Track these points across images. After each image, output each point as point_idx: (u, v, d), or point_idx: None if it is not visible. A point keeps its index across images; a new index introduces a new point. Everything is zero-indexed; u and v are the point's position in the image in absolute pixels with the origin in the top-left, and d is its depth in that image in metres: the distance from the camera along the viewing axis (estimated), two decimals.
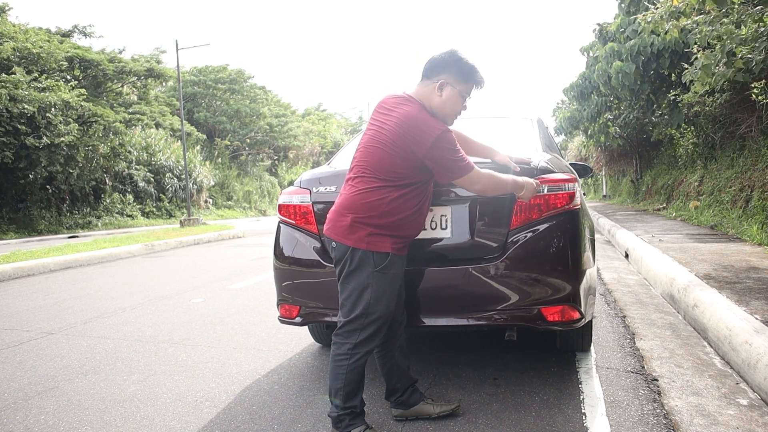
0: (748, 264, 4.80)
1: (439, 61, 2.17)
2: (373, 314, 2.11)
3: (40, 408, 2.66)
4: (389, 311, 2.15)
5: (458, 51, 2.18)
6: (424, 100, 2.18)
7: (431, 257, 2.53)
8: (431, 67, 2.19)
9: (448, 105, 2.17)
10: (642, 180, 19.39)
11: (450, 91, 2.15)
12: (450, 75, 2.15)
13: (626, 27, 11.54)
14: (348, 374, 2.12)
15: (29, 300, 5.62)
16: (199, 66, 34.74)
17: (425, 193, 2.20)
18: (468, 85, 2.19)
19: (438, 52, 2.20)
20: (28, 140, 16.04)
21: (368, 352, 2.15)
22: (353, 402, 2.14)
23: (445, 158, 2.08)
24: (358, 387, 2.17)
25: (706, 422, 2.18)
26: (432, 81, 2.17)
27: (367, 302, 2.10)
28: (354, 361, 2.12)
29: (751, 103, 8.33)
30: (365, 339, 2.12)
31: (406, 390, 2.36)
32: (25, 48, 18.62)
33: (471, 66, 2.17)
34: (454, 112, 2.21)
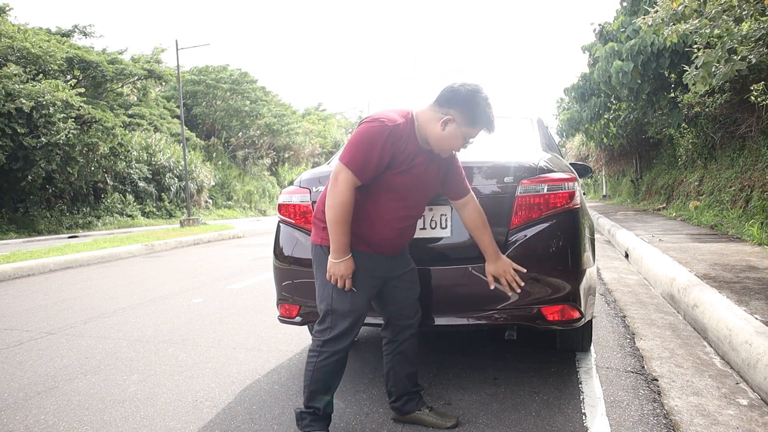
0: (748, 264, 4.80)
1: (457, 94, 2.02)
2: (338, 311, 2.07)
3: (40, 408, 2.66)
4: (357, 308, 2.09)
5: (481, 92, 2.03)
6: (423, 122, 2.06)
7: (431, 257, 2.53)
8: (446, 98, 2.05)
9: (446, 141, 2.04)
10: (642, 180, 19.40)
11: (454, 130, 2.02)
12: (460, 114, 2.02)
13: (627, 27, 11.54)
14: (314, 372, 2.08)
15: (29, 300, 5.62)
16: (199, 66, 34.75)
17: (385, 196, 2.06)
18: (475, 129, 2.05)
19: (460, 83, 2.05)
20: (26, 140, 16.02)
21: (337, 353, 2.08)
22: (317, 404, 2.09)
23: (352, 138, 2.01)
24: (326, 389, 2.10)
25: (706, 422, 2.18)
26: (440, 110, 2.04)
27: (330, 298, 2.08)
28: (321, 359, 2.07)
29: (751, 103, 8.33)
30: (333, 338, 2.08)
31: (401, 397, 2.30)
32: (24, 48, 18.62)
33: (486, 113, 2.03)
34: (451, 149, 2.09)
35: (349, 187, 1.96)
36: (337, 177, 1.96)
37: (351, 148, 1.97)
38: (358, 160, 1.95)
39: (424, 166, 2.09)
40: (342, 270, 2.02)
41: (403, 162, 2.02)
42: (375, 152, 1.95)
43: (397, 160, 2.01)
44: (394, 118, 2.00)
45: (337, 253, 2.01)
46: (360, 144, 1.96)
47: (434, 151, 2.11)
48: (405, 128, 2.01)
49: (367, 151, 1.95)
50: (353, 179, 1.96)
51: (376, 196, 2.06)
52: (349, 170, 1.95)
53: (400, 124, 2.00)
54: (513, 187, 2.43)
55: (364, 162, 1.95)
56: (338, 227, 1.97)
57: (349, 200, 1.96)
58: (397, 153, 1.99)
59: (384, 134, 1.95)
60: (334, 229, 1.98)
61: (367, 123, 1.99)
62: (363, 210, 2.06)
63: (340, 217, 1.96)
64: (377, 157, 1.96)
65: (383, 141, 1.95)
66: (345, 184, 1.95)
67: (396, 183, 2.05)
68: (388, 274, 2.20)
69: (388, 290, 2.24)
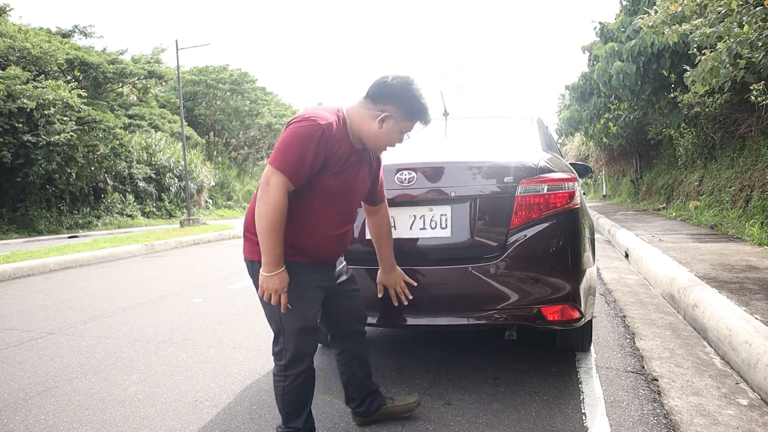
0: (748, 264, 4.80)
1: (390, 89, 1.95)
2: (288, 331, 1.94)
3: (40, 408, 2.66)
4: (306, 324, 1.97)
5: (414, 84, 1.96)
6: (357, 120, 1.97)
7: (431, 257, 2.53)
8: (380, 93, 1.96)
9: (384, 138, 1.98)
10: (642, 180, 19.40)
11: (392, 126, 1.96)
12: (397, 109, 1.95)
13: (627, 27, 11.54)
14: (285, 396, 1.98)
15: (29, 300, 5.62)
16: (199, 66, 34.76)
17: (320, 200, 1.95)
18: (412, 122, 2.00)
19: (392, 76, 1.96)
20: (26, 137, 16.03)
21: (302, 374, 1.98)
22: (295, 423, 2.01)
23: (281, 140, 1.85)
24: (300, 408, 2.02)
25: (706, 422, 2.18)
26: (375, 108, 1.96)
27: (278, 317, 1.95)
28: (288, 384, 1.97)
29: (750, 103, 8.33)
30: (291, 360, 1.96)
31: (365, 400, 2.28)
32: (24, 48, 18.62)
33: (423, 105, 1.97)
34: (388, 146, 2.03)
35: (283, 192, 1.81)
36: (268, 182, 1.80)
37: (282, 150, 1.82)
38: (291, 162, 1.81)
39: (357, 168, 2.02)
40: (277, 284, 1.86)
41: (337, 163, 1.91)
42: (308, 153, 1.82)
43: (331, 160, 1.89)
44: (326, 116, 1.88)
45: (270, 266, 1.83)
46: (292, 145, 1.81)
47: (369, 149, 2.05)
48: (338, 127, 1.90)
49: (300, 153, 1.81)
50: (286, 183, 1.81)
51: (310, 202, 1.93)
52: (281, 174, 1.80)
53: (333, 122, 1.88)
54: (513, 187, 2.43)
55: (297, 164, 1.81)
56: (272, 236, 1.80)
57: (282, 206, 1.81)
58: (331, 153, 1.88)
59: (317, 133, 1.82)
60: (267, 238, 1.81)
61: (297, 123, 1.85)
62: (297, 217, 1.92)
63: (274, 225, 1.80)
64: (311, 159, 1.83)
65: (316, 141, 1.82)
66: (278, 189, 1.80)
67: (331, 186, 1.93)
68: (331, 284, 2.11)
69: (334, 300, 2.16)
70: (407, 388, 2.70)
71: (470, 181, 2.47)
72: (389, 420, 2.34)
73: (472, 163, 2.55)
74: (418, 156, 2.85)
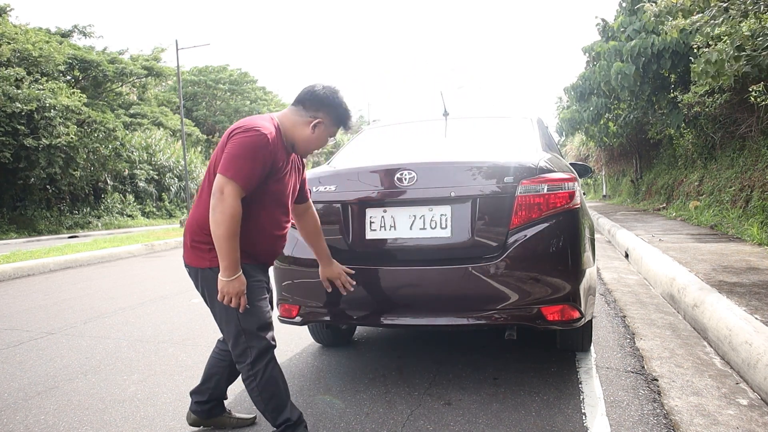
0: (748, 264, 4.80)
1: (322, 98, 2.11)
2: (248, 329, 2.03)
3: (40, 408, 2.66)
4: (264, 321, 2.06)
5: (340, 93, 2.16)
6: (290, 126, 2.10)
7: (431, 257, 2.54)
8: (311, 101, 2.11)
9: (315, 143, 2.14)
10: (642, 180, 19.40)
11: (323, 131, 2.13)
12: (328, 116, 2.12)
13: (627, 26, 11.54)
14: (261, 393, 2.04)
15: (29, 300, 5.62)
16: (199, 66, 34.76)
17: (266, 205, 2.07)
18: (338, 128, 2.18)
19: (320, 86, 2.14)
20: (27, 141, 16.04)
21: (269, 364, 2.05)
22: (284, 415, 2.06)
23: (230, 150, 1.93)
24: (283, 398, 2.07)
25: (706, 422, 2.18)
26: (307, 114, 2.11)
27: (237, 319, 2.02)
28: (260, 379, 2.03)
29: (750, 103, 8.34)
30: (256, 357, 2.03)
31: (211, 401, 2.31)
32: (25, 50, 18.61)
33: (349, 112, 2.17)
34: (317, 148, 2.18)
35: (237, 199, 1.90)
36: (222, 191, 1.89)
37: (234, 160, 1.91)
38: (243, 171, 1.90)
39: (291, 172, 2.16)
40: (237, 287, 1.95)
41: (279, 169, 2.05)
42: (258, 162, 1.93)
43: (275, 167, 2.02)
44: (267, 126, 2.00)
45: (229, 271, 1.93)
46: (242, 155, 1.91)
47: (299, 153, 2.19)
48: (277, 136, 2.04)
49: (252, 162, 1.92)
50: (240, 191, 1.91)
51: (260, 207, 2.04)
52: (235, 182, 1.89)
53: (273, 132, 2.01)
54: (513, 187, 2.43)
55: (249, 172, 1.92)
56: (230, 242, 1.90)
57: (239, 213, 1.90)
58: (274, 161, 2.01)
59: (264, 143, 1.94)
60: (225, 245, 1.89)
61: (243, 133, 1.94)
62: (250, 222, 2.03)
63: (232, 231, 1.89)
64: (261, 167, 1.95)
65: (264, 150, 1.94)
66: (233, 197, 1.89)
67: (275, 190, 2.07)
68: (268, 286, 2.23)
69: None
70: (407, 388, 2.71)
71: (470, 181, 2.47)
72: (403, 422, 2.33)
73: (472, 163, 2.55)
74: (418, 156, 2.86)
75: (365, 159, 3.11)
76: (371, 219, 2.61)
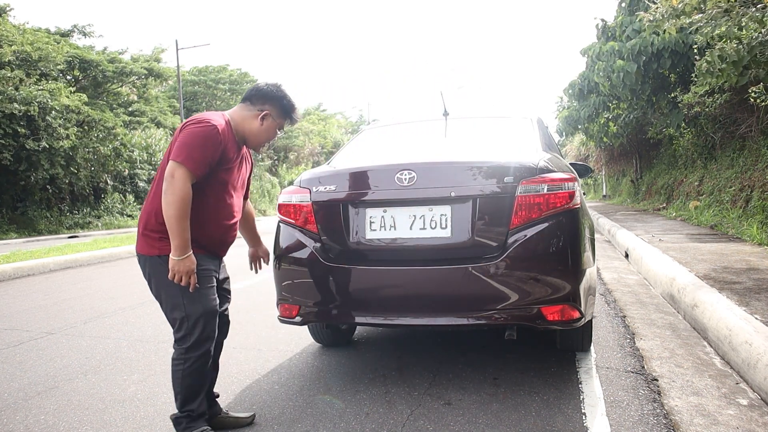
0: (748, 264, 4.80)
1: (266, 92, 2.27)
2: (193, 315, 2.11)
3: (40, 408, 2.66)
4: (209, 308, 2.14)
5: (283, 86, 2.31)
6: (240, 121, 2.24)
7: (431, 257, 2.54)
8: (257, 96, 2.27)
9: (264, 134, 2.28)
10: (642, 180, 19.39)
11: (271, 122, 2.28)
12: (274, 108, 2.27)
13: (627, 26, 11.54)
14: (183, 379, 2.11)
15: (29, 300, 5.62)
16: (199, 66, 34.71)
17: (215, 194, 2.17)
18: (285, 120, 2.32)
19: (264, 83, 2.30)
20: (28, 143, 16.03)
21: (202, 356, 2.13)
22: (191, 406, 2.13)
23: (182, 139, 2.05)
24: (197, 391, 2.14)
25: (706, 422, 2.18)
26: (255, 108, 2.26)
27: (182, 305, 2.11)
28: (188, 366, 2.10)
29: (750, 103, 8.33)
30: (194, 343, 2.11)
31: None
32: (24, 51, 18.60)
33: (293, 104, 2.31)
34: (268, 140, 2.32)
35: (188, 183, 2.02)
36: (173, 174, 2.01)
37: (184, 147, 2.03)
38: (195, 157, 2.03)
39: (240, 165, 2.30)
40: (188, 265, 2.05)
41: (228, 160, 2.17)
42: (208, 150, 2.06)
43: (225, 158, 2.15)
44: (218, 119, 2.14)
45: (180, 250, 2.03)
46: (193, 143, 2.04)
47: (250, 147, 2.33)
48: (227, 129, 2.17)
49: (201, 149, 2.04)
50: (190, 175, 2.03)
51: (209, 195, 2.15)
52: (185, 167, 2.01)
53: (223, 125, 2.14)
54: (513, 187, 2.43)
55: (198, 159, 2.04)
56: (180, 223, 2.00)
57: (188, 195, 2.02)
58: (224, 152, 2.13)
59: (214, 133, 2.07)
60: (177, 225, 2.00)
61: (195, 125, 2.08)
62: (200, 210, 2.12)
63: (182, 212, 2.00)
64: (210, 155, 2.07)
65: (213, 139, 2.07)
66: (183, 181, 2.01)
67: (224, 180, 2.19)
68: (219, 277, 2.29)
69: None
70: (407, 388, 2.71)
71: (470, 181, 2.48)
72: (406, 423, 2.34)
73: (472, 163, 2.55)
74: (418, 156, 2.86)
75: (365, 159, 3.11)
76: (371, 219, 2.62)
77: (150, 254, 2.13)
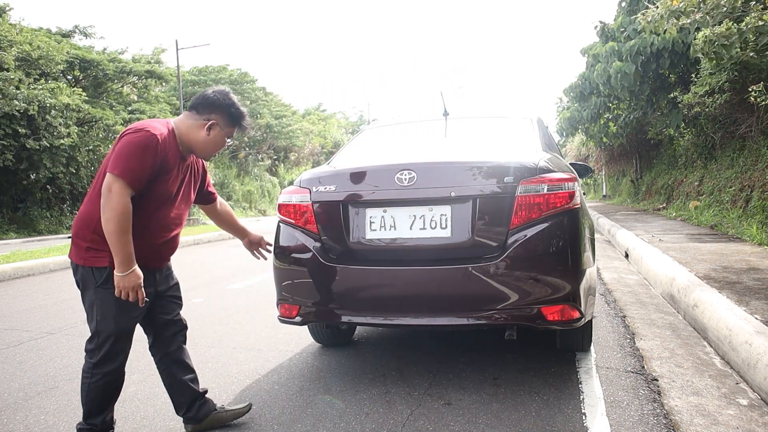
0: (748, 264, 4.80)
1: (213, 100, 2.17)
2: (103, 333, 2.04)
3: (40, 408, 2.66)
4: (122, 329, 2.08)
5: (231, 94, 2.21)
6: (185, 130, 2.15)
7: (431, 257, 2.54)
8: (203, 104, 2.17)
9: (211, 144, 2.18)
10: (642, 180, 19.39)
11: (218, 132, 2.17)
12: (220, 117, 2.16)
13: (627, 27, 11.55)
14: (89, 392, 2.07)
15: (29, 300, 5.62)
16: (199, 66, 34.73)
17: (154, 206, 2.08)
18: (234, 128, 2.22)
19: (211, 90, 2.20)
20: (28, 142, 16.03)
21: (109, 374, 2.07)
22: (94, 420, 2.09)
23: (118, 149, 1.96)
24: (102, 406, 2.10)
25: (706, 422, 2.18)
26: (201, 117, 2.16)
27: (96, 321, 2.05)
28: (95, 380, 2.06)
29: (750, 103, 8.33)
30: (102, 359, 2.06)
31: (193, 404, 2.31)
32: (24, 51, 18.60)
33: (241, 112, 2.20)
34: (216, 151, 2.23)
35: (126, 196, 1.93)
36: (110, 189, 1.92)
37: (121, 158, 1.94)
38: (132, 168, 1.94)
39: (184, 175, 2.20)
40: (133, 281, 1.98)
41: (168, 171, 2.07)
42: (146, 160, 1.96)
43: (164, 168, 2.05)
44: (159, 127, 2.04)
45: (124, 265, 1.95)
46: (130, 154, 1.94)
47: (198, 156, 2.24)
48: (169, 138, 2.07)
49: (139, 160, 1.95)
50: (128, 188, 1.94)
51: (144, 207, 2.04)
52: (122, 180, 1.92)
53: (165, 133, 2.05)
54: (513, 187, 2.44)
55: (137, 170, 1.95)
56: (122, 237, 1.92)
57: (127, 209, 1.93)
58: (163, 162, 2.03)
59: (153, 143, 1.97)
60: (118, 240, 1.92)
61: (132, 133, 1.98)
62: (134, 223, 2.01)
63: (123, 227, 1.92)
64: (149, 165, 1.97)
65: (152, 149, 1.97)
66: (121, 194, 1.92)
67: (162, 192, 2.08)
68: (157, 288, 2.21)
69: (161, 305, 2.25)
70: (407, 388, 2.71)
71: (470, 181, 2.48)
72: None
73: (472, 163, 2.55)
74: (418, 156, 2.86)
75: (365, 159, 3.11)
76: (371, 219, 2.62)
77: (77, 262, 2.07)
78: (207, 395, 2.38)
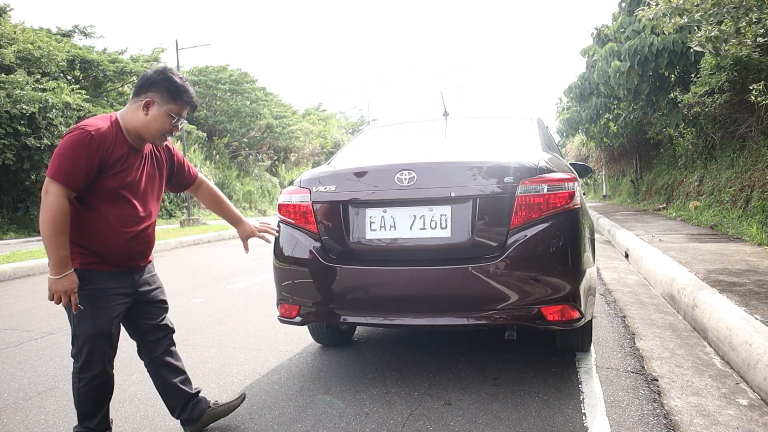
0: (748, 264, 4.80)
1: (148, 78, 2.07)
2: (81, 336, 2.02)
3: (40, 408, 2.66)
4: (99, 331, 2.03)
5: (168, 69, 2.11)
6: (128, 118, 2.07)
7: (431, 257, 2.54)
8: (140, 85, 2.08)
9: (153, 124, 2.06)
10: (642, 180, 19.39)
11: (156, 110, 2.05)
12: (157, 93, 2.05)
13: (627, 27, 11.55)
14: (79, 397, 2.06)
15: (29, 300, 5.62)
16: (199, 66, 34.72)
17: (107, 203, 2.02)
18: (176, 104, 2.08)
19: (150, 70, 2.11)
20: (29, 141, 16.04)
21: (96, 378, 2.05)
22: (88, 423, 2.08)
23: (55, 152, 1.94)
24: (95, 409, 2.08)
25: (706, 422, 2.18)
26: (139, 99, 2.07)
27: (73, 324, 2.04)
28: (82, 385, 2.04)
29: (750, 103, 8.33)
30: (84, 364, 2.04)
31: (186, 406, 2.29)
32: (26, 49, 18.62)
33: (180, 85, 2.08)
34: (162, 132, 2.09)
35: (60, 198, 1.88)
36: (47, 191, 1.89)
37: (55, 160, 1.91)
38: (65, 169, 1.89)
39: (139, 167, 2.10)
40: (65, 285, 1.92)
41: (114, 165, 2.00)
42: (80, 159, 1.91)
43: (108, 163, 1.98)
44: (97, 123, 1.99)
45: (57, 268, 1.90)
46: (64, 154, 1.91)
47: (148, 141, 2.11)
48: (110, 131, 2.00)
49: (73, 160, 1.90)
50: (63, 190, 1.89)
51: (96, 205, 2.01)
52: (57, 182, 1.88)
53: (103, 128, 1.98)
54: (513, 187, 2.44)
55: (71, 170, 1.90)
56: (55, 240, 1.88)
57: (62, 211, 1.88)
58: (106, 157, 1.96)
59: (86, 140, 1.92)
60: (51, 243, 1.88)
61: (69, 134, 1.95)
62: (87, 222, 2.00)
63: (56, 229, 1.87)
64: (85, 164, 1.92)
65: (87, 147, 1.92)
66: (55, 195, 1.88)
67: (112, 187, 2.01)
68: (137, 290, 2.17)
69: (144, 309, 2.24)
70: (407, 388, 2.71)
71: (470, 181, 2.48)
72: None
73: (472, 163, 2.55)
74: (418, 156, 2.86)
75: (365, 159, 3.11)
76: (371, 219, 2.62)
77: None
78: (205, 395, 2.38)
